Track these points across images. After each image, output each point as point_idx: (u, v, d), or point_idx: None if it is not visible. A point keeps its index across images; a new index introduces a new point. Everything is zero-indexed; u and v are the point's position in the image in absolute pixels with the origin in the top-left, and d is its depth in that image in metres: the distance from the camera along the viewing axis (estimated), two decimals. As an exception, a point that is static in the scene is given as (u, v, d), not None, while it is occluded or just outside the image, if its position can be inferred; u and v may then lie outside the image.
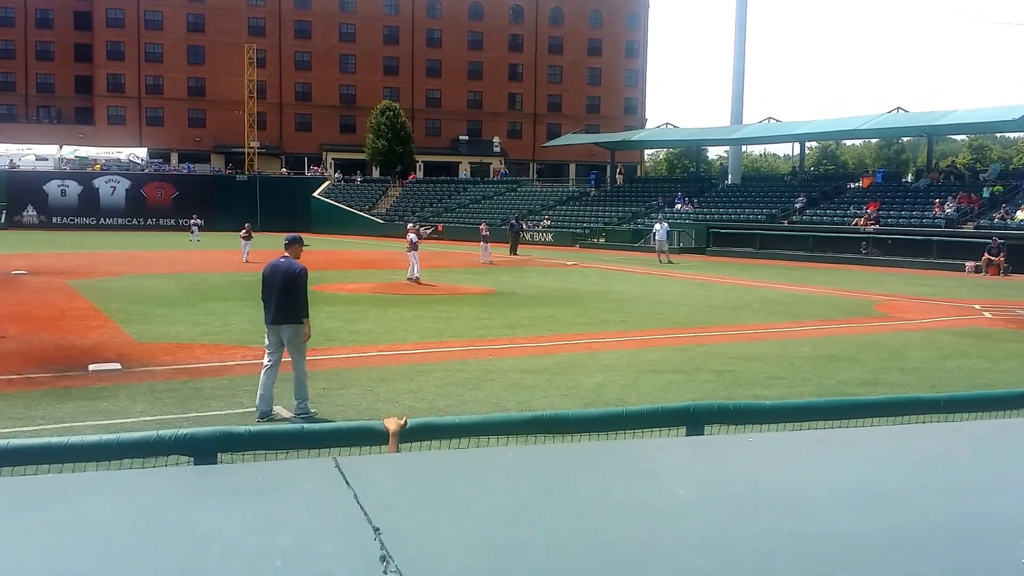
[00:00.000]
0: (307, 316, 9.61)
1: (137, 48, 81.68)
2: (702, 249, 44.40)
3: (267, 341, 9.57)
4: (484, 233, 36.72)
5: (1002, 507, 2.34)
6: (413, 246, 25.82)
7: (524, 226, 50.42)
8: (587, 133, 75.42)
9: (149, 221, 67.61)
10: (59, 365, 11.95)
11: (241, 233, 34.99)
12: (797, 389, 10.81)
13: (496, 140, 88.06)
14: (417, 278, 24.93)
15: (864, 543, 2.06)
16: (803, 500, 2.35)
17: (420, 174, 78.69)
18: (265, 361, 9.36)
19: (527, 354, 13.52)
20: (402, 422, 3.79)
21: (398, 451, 3.70)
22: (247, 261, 31.08)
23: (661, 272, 32.21)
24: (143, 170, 71.17)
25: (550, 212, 58.37)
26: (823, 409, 4.81)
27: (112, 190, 68.12)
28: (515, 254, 40.47)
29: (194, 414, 9.16)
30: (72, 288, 22.29)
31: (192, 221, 55.35)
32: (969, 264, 34.32)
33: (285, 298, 9.46)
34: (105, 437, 3.72)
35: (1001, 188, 40.99)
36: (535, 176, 75.26)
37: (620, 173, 65.71)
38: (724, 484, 2.55)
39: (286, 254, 9.82)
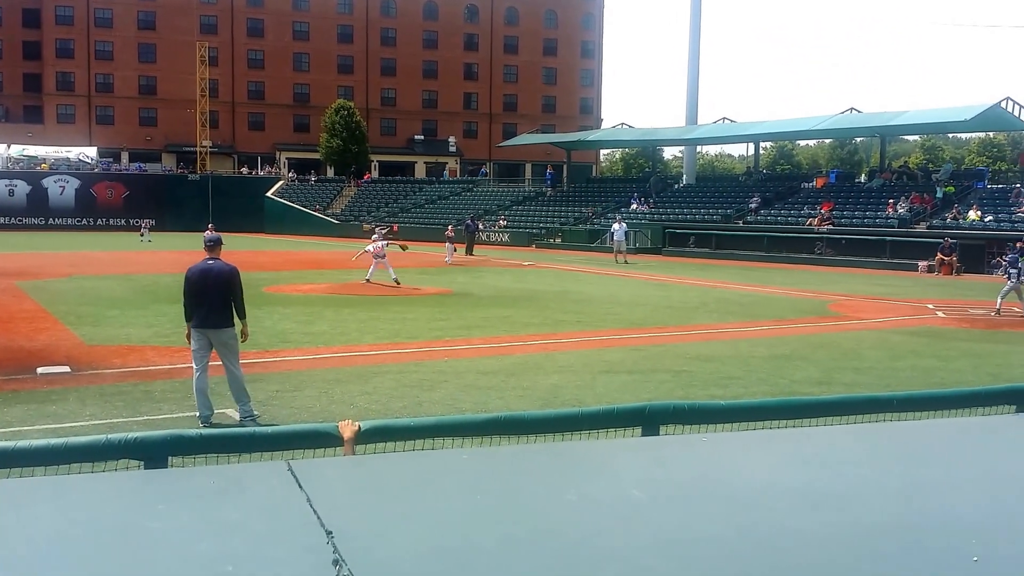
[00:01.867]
0: (244, 317, 9.44)
1: (87, 46, 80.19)
2: (658, 249, 44.68)
3: (194, 345, 9.23)
4: (449, 235, 37.02)
5: (953, 505, 2.38)
6: (379, 254, 25.00)
7: (480, 226, 50.40)
8: (543, 133, 75.57)
9: (99, 221, 66.35)
10: (6, 368, 11.69)
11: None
12: (752, 389, 10.91)
13: (452, 140, 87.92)
14: (396, 280, 23.93)
15: (816, 542, 2.08)
16: (756, 499, 2.37)
17: (375, 174, 78.21)
18: (195, 366, 9.12)
19: (483, 355, 13.50)
20: (355, 428, 3.76)
21: (354, 454, 3.67)
22: None
23: (618, 272, 32.38)
24: (93, 169, 69.80)
25: (506, 212, 58.39)
26: (777, 409, 4.86)
27: (61, 190, 66.78)
28: (471, 254, 40.44)
29: (145, 417, 9.01)
30: (20, 290, 21.82)
31: (143, 222, 54.56)
32: (922, 264, 34.94)
33: (223, 301, 9.22)
34: (53, 441, 3.64)
35: (953, 188, 41.81)
36: (491, 176, 75.19)
37: (549, 171, 66.34)
38: (678, 484, 2.57)
39: (211, 256, 9.49)
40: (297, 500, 2.18)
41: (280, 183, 71.91)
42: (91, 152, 72.55)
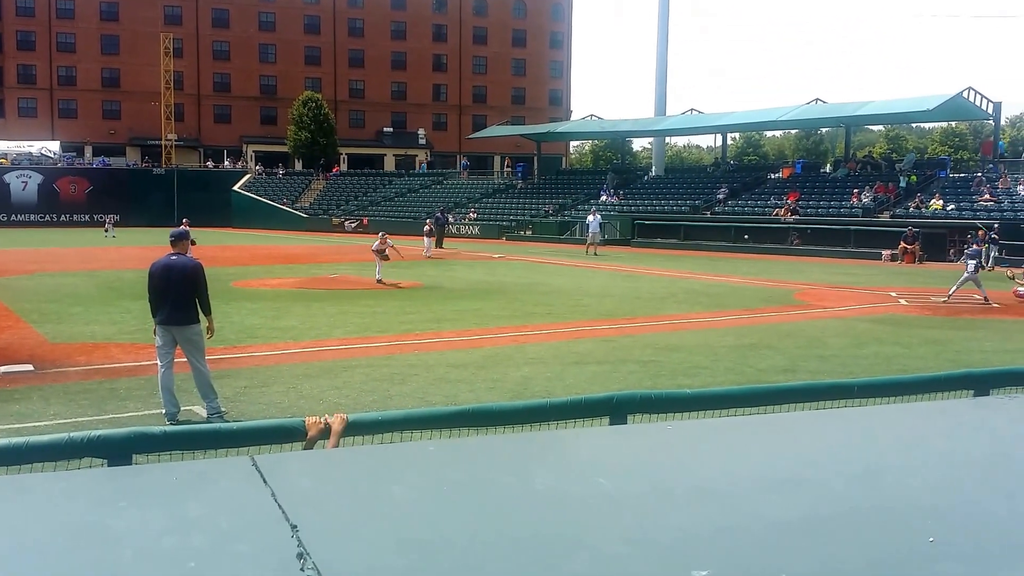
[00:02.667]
0: (210, 312, 9.33)
1: (48, 38, 78.75)
2: (627, 240, 44.88)
3: (159, 342, 9.11)
4: (428, 228, 37.25)
5: (911, 488, 2.42)
6: (381, 254, 24.16)
7: (451, 219, 50.31)
8: (513, 125, 75.54)
9: (63, 217, 65.34)
10: (-33, 367, 11.50)
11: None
12: (719, 378, 11.01)
13: (421, 132, 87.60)
14: (380, 279, 23.39)
15: (779, 526, 2.11)
16: (722, 487, 2.39)
17: (344, 167, 77.77)
18: (159, 363, 9.01)
19: (453, 348, 13.51)
20: (343, 419, 3.76)
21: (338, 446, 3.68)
22: None
23: (587, 264, 32.47)
24: (56, 164, 68.74)
25: (476, 205, 58.31)
26: (742, 396, 4.91)
27: (23, 185, 65.67)
28: (441, 247, 40.35)
29: (110, 416, 8.91)
30: (-19, 287, 21.49)
31: (107, 217, 53.83)
32: (886, 252, 35.39)
33: (187, 297, 9.08)
34: (13, 440, 3.59)
35: (916, 178, 42.35)
36: (461, 168, 75.02)
37: (508, 166, 66.41)
38: (646, 473, 2.58)
39: (175, 251, 9.32)
40: (262, 495, 2.17)
41: (247, 176, 71.27)
42: (53, 146, 71.38)
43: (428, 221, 40.32)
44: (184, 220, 34.93)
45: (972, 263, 20.11)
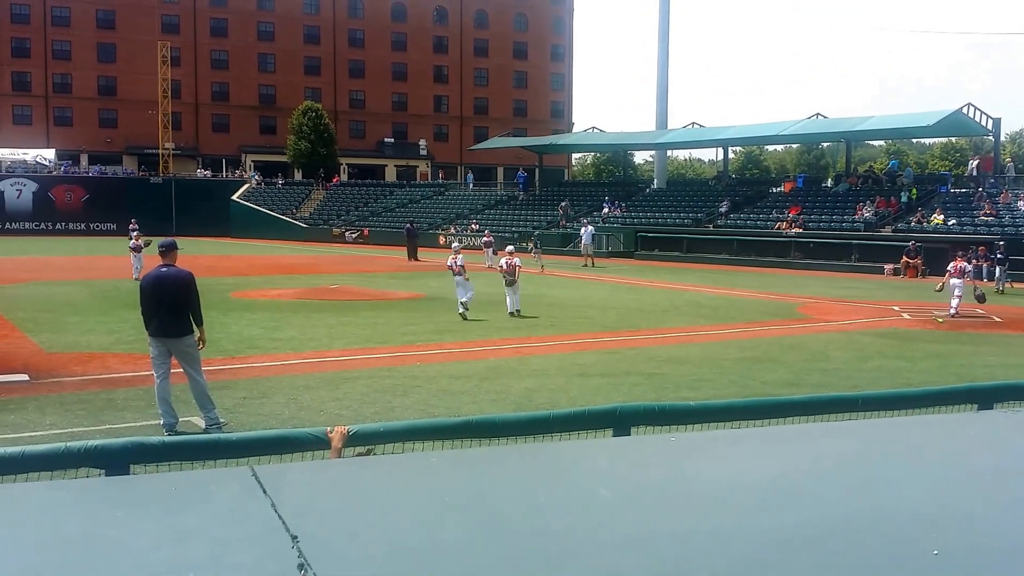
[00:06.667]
0: (202, 323, 9.25)
1: (44, 45, 78.59)
2: (630, 253, 44.89)
3: (153, 352, 9.08)
4: (488, 239, 37.40)
5: (915, 501, 2.41)
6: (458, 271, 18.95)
7: (453, 231, 50.29)
8: (514, 136, 75.67)
9: (58, 225, 64.71)
10: (-35, 376, 11.45)
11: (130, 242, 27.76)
12: (723, 391, 10.97)
13: (423, 143, 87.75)
14: (464, 305, 18.36)
15: (783, 538, 2.09)
16: (724, 498, 2.37)
17: (344, 177, 77.84)
18: (155, 374, 8.97)
19: (456, 359, 13.46)
20: (344, 432, 3.74)
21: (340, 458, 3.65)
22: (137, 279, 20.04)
23: (590, 276, 32.47)
24: (51, 172, 68.38)
25: (478, 216, 58.35)
26: (745, 409, 4.89)
27: (18, 193, 65.33)
28: (416, 259, 39.71)
29: (107, 426, 8.85)
30: (-22, 296, 21.45)
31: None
32: (888, 267, 35.37)
33: (178, 309, 9.02)
34: (9, 450, 3.56)
35: (916, 192, 42.41)
36: (466, 182, 75.05)
37: (522, 173, 66.40)
38: (647, 484, 2.56)
39: (165, 262, 9.24)
40: (262, 505, 2.14)
41: (246, 186, 71.27)
42: (49, 154, 70.93)
43: (486, 232, 41.19)
44: (132, 220, 35.02)
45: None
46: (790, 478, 2.63)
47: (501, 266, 20.04)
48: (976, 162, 46.85)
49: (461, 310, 18.11)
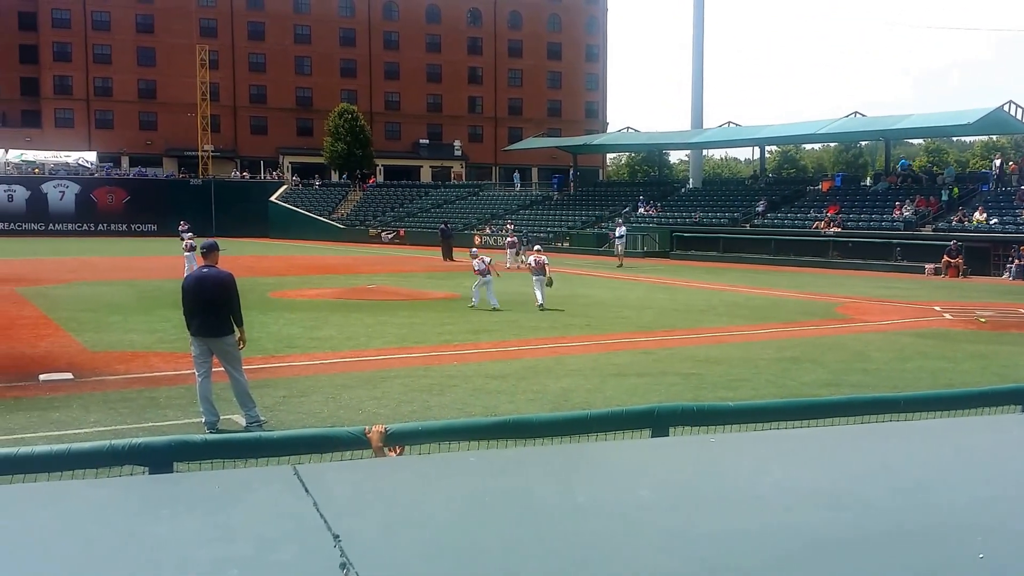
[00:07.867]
0: (242, 323, 9.37)
1: (84, 49, 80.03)
2: (666, 253, 44.68)
3: (195, 351, 9.21)
4: (512, 240, 37.72)
5: (958, 504, 2.37)
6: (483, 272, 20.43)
7: (488, 230, 50.36)
8: (549, 137, 75.55)
9: (100, 226, 65.87)
10: (8, 375, 11.68)
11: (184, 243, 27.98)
12: (762, 391, 10.88)
13: (457, 143, 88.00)
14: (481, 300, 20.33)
15: (825, 541, 2.07)
16: (764, 500, 2.35)
17: (380, 178, 78.29)
18: (197, 373, 9.09)
19: (492, 359, 13.48)
20: (381, 430, 3.76)
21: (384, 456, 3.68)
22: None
23: (625, 276, 32.35)
24: (93, 174, 69.67)
25: (513, 216, 58.36)
26: (785, 410, 4.83)
27: (61, 195, 66.65)
28: (451, 259, 39.61)
29: (150, 424, 8.99)
30: (21, 296, 21.85)
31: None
32: (929, 266, 34.85)
33: (219, 309, 9.15)
34: (56, 448, 3.62)
35: (957, 191, 41.74)
36: (496, 180, 75.10)
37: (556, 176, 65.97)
38: (686, 485, 2.55)
39: (206, 263, 9.41)
40: (303, 504, 2.16)
41: (284, 187, 71.96)
42: (90, 157, 72.36)
43: (511, 233, 41.54)
44: (182, 221, 35.52)
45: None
46: (831, 479, 2.60)
47: (530, 264, 21.35)
48: (999, 161, 46.06)
49: (494, 304, 19.91)
